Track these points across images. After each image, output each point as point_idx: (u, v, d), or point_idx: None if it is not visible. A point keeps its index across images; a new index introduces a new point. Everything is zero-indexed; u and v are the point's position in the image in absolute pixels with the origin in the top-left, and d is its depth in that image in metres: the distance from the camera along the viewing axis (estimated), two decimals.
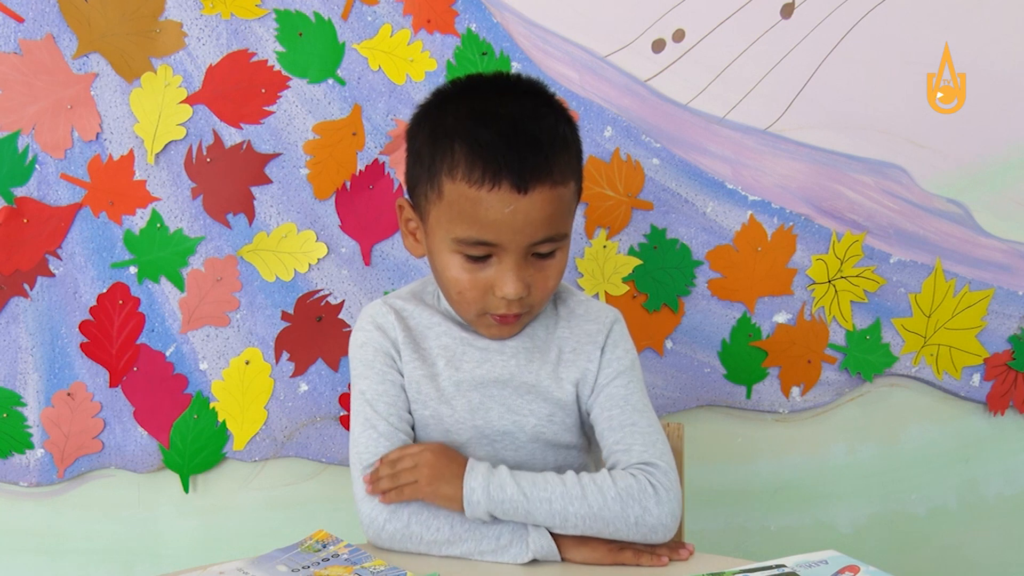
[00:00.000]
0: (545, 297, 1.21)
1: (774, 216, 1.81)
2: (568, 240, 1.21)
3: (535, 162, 1.13)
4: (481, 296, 1.18)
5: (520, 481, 1.15)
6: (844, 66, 1.79)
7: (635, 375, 1.27)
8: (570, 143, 1.20)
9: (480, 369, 1.24)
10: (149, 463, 1.71)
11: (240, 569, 1.09)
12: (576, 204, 1.23)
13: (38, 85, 1.62)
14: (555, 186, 1.15)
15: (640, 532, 1.15)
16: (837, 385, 1.87)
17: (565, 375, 1.25)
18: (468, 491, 1.14)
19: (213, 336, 1.71)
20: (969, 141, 1.84)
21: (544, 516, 1.15)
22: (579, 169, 1.23)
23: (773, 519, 1.90)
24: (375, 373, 1.25)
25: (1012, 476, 1.95)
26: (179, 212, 1.68)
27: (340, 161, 1.70)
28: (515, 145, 1.13)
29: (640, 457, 1.19)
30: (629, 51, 1.75)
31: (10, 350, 1.66)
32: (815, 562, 1.08)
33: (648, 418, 1.24)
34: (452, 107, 1.19)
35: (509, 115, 1.15)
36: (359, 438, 1.23)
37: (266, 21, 1.67)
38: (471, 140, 1.14)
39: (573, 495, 1.15)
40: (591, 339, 1.27)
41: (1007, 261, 1.87)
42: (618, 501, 1.15)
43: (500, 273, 1.17)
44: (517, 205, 1.13)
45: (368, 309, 1.29)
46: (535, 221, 1.14)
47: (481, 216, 1.14)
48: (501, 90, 1.21)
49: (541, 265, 1.19)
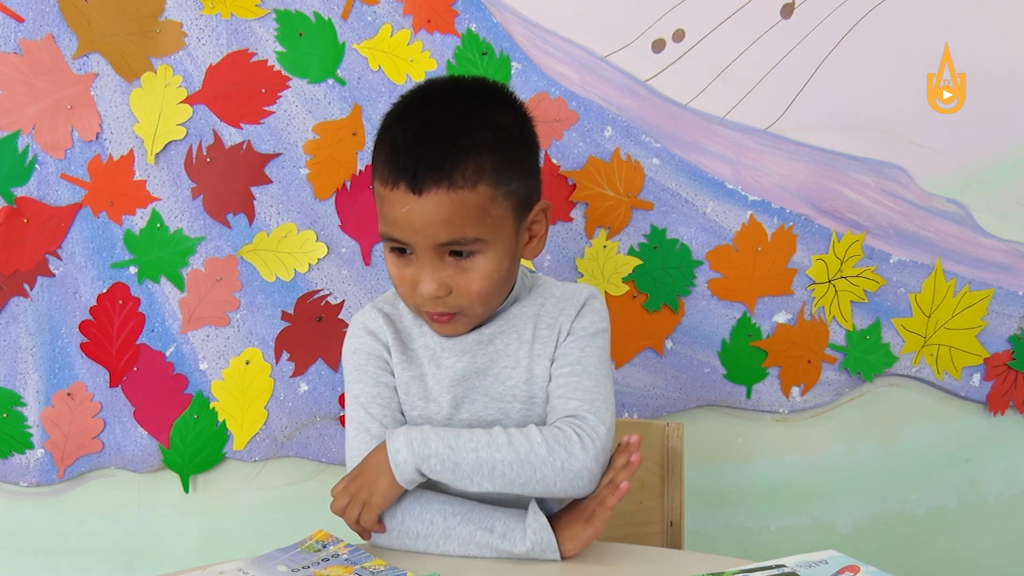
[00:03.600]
0: (473, 301, 1.20)
1: (774, 216, 1.81)
2: (493, 245, 1.19)
3: (430, 164, 1.15)
4: (411, 292, 1.21)
5: (444, 434, 1.16)
6: (844, 66, 1.78)
7: (596, 342, 1.26)
8: (489, 147, 1.18)
9: (460, 362, 1.25)
10: (149, 463, 1.71)
11: (240, 569, 1.09)
12: (508, 207, 1.20)
13: (38, 85, 1.62)
14: (453, 189, 1.15)
15: (567, 478, 1.16)
16: (837, 385, 1.87)
17: (541, 350, 1.26)
18: (392, 452, 1.15)
19: (213, 336, 1.71)
20: (969, 141, 1.84)
21: (471, 466, 1.15)
22: (506, 172, 1.19)
23: (773, 519, 1.90)
24: (368, 377, 1.26)
25: (1012, 476, 1.95)
26: (179, 212, 1.68)
27: (340, 161, 1.71)
28: (418, 147, 1.16)
29: (573, 410, 1.20)
30: (629, 51, 1.75)
31: (10, 350, 1.66)
32: (815, 562, 1.08)
33: (595, 379, 1.23)
34: (395, 110, 1.24)
35: (425, 118, 1.19)
36: (353, 442, 1.24)
37: (266, 21, 1.67)
38: (389, 141, 1.19)
39: (499, 443, 1.16)
40: (563, 312, 1.27)
41: (1007, 261, 1.87)
42: (543, 446, 1.16)
43: (416, 272, 1.19)
44: (412, 206, 1.16)
45: (359, 316, 1.31)
46: (433, 223, 1.16)
47: (388, 214, 1.18)
48: (437, 94, 1.24)
49: (461, 267, 1.19)
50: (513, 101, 1.25)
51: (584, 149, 1.75)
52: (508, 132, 1.21)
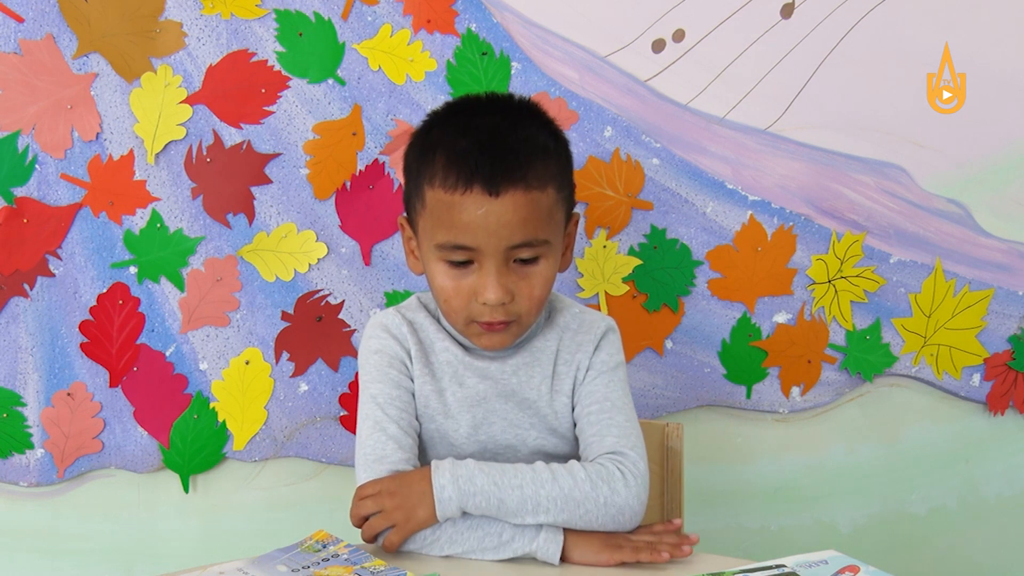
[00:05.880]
0: (533, 306, 1.22)
1: (774, 216, 1.81)
2: (554, 250, 1.23)
3: (506, 166, 1.16)
4: (465, 304, 1.21)
5: (489, 471, 1.16)
6: (844, 66, 1.79)
7: (617, 376, 1.29)
8: (551, 152, 1.23)
9: (483, 384, 1.27)
10: (149, 463, 1.71)
11: (240, 569, 1.09)
12: (564, 214, 1.25)
13: (38, 85, 1.62)
14: (529, 190, 1.17)
15: (609, 513, 1.17)
16: (837, 385, 1.87)
17: (560, 387, 1.29)
18: (438, 488, 1.15)
19: (213, 336, 1.71)
20: (969, 141, 1.84)
21: (516, 503, 1.15)
22: (563, 178, 1.24)
23: (773, 519, 1.90)
24: (389, 379, 1.26)
25: (1012, 476, 1.95)
26: (179, 212, 1.68)
27: (340, 161, 1.71)
28: (488, 151, 1.17)
29: (611, 447, 1.22)
30: (629, 51, 1.75)
31: (10, 350, 1.66)
32: (815, 562, 1.08)
33: (626, 414, 1.26)
34: (439, 123, 1.25)
35: (486, 126, 1.21)
36: (367, 440, 1.23)
37: (266, 21, 1.67)
38: (449, 149, 1.19)
39: (543, 479, 1.16)
40: (581, 348, 1.30)
41: (1007, 261, 1.87)
42: (588, 482, 1.17)
43: (481, 279, 1.19)
44: (489, 207, 1.16)
45: (381, 317, 1.31)
46: (509, 224, 1.16)
47: (456, 220, 1.17)
48: (486, 106, 1.26)
49: (524, 272, 1.21)
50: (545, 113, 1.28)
51: (584, 149, 1.75)
52: (559, 139, 1.26)
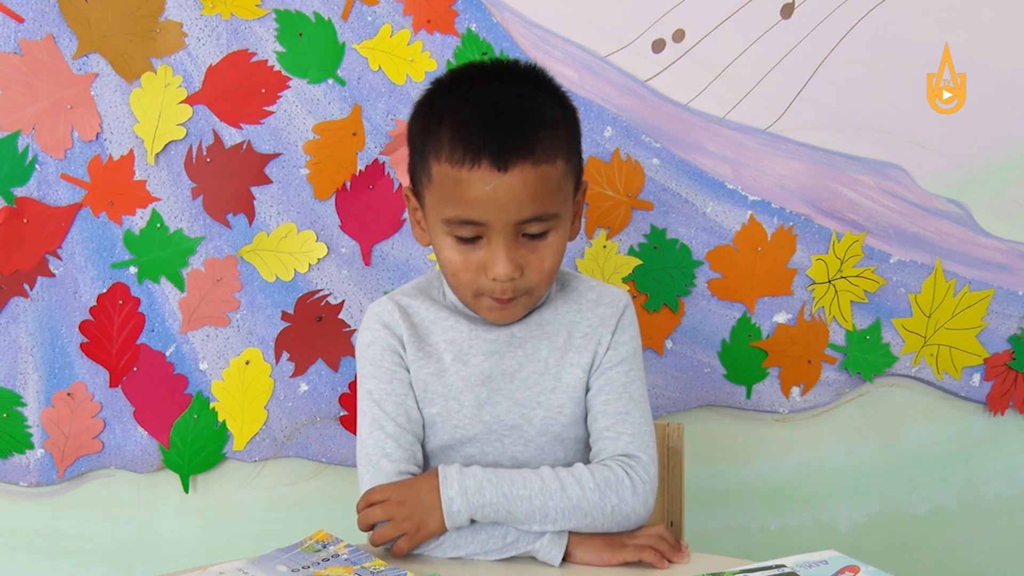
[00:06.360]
0: (543, 280, 1.21)
1: (774, 216, 1.81)
2: (563, 221, 1.21)
3: (514, 140, 1.14)
4: (474, 278, 1.19)
5: (497, 482, 1.15)
6: (844, 66, 1.78)
7: (637, 363, 1.28)
8: (559, 122, 1.20)
9: (488, 362, 1.24)
10: (149, 463, 1.71)
11: (240, 569, 1.09)
12: (572, 184, 1.22)
13: (38, 85, 1.62)
14: (538, 164, 1.15)
15: (615, 520, 1.17)
16: (837, 385, 1.87)
17: (575, 360, 1.26)
18: (447, 501, 1.14)
19: (213, 336, 1.71)
20: (969, 141, 1.84)
21: (525, 514, 1.15)
22: (571, 148, 1.22)
23: (773, 519, 1.90)
24: (383, 372, 1.25)
25: (1012, 476, 1.95)
26: (179, 212, 1.68)
27: (340, 161, 1.71)
28: (495, 124, 1.14)
29: (625, 448, 1.21)
30: (629, 51, 1.75)
31: (10, 350, 1.66)
32: (815, 562, 1.08)
33: (642, 408, 1.25)
34: (443, 93, 1.21)
35: (492, 97, 1.17)
36: (366, 439, 1.22)
37: (266, 21, 1.67)
38: (454, 122, 1.16)
39: (552, 490, 1.15)
40: (603, 322, 1.27)
41: (1007, 261, 1.87)
42: (596, 492, 1.16)
43: (490, 253, 1.17)
44: (498, 183, 1.14)
45: (373, 307, 1.29)
46: (519, 198, 1.15)
47: (464, 195, 1.15)
48: (491, 74, 1.23)
49: (534, 246, 1.19)
50: (552, 80, 1.25)
51: (584, 149, 1.74)
52: (567, 107, 1.23)
